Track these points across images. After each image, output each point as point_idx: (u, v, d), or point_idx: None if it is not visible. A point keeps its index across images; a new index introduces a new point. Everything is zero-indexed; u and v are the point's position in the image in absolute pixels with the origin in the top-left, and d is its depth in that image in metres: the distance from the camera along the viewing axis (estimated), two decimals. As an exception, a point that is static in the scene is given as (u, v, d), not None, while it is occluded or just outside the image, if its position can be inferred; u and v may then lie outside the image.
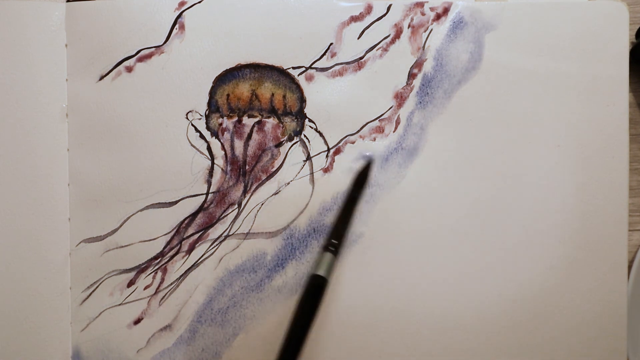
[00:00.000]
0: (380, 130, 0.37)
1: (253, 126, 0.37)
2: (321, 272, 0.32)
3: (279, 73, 0.37)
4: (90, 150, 0.37)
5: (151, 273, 0.37)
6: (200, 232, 0.37)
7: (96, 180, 0.37)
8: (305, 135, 0.37)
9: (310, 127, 0.37)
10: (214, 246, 0.37)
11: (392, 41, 0.37)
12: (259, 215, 0.37)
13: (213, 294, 0.37)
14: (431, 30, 0.37)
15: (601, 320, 0.37)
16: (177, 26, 0.37)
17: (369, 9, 0.37)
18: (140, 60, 0.37)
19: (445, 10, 0.37)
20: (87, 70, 0.37)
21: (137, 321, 0.37)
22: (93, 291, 0.37)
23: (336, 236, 0.35)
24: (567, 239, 0.37)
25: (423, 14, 0.37)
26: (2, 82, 0.37)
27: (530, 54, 0.37)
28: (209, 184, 0.37)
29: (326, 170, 0.37)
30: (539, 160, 0.37)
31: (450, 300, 0.37)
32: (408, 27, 0.37)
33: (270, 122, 0.37)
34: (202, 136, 0.37)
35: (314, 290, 0.32)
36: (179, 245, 0.37)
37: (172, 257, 0.37)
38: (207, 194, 0.37)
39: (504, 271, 0.37)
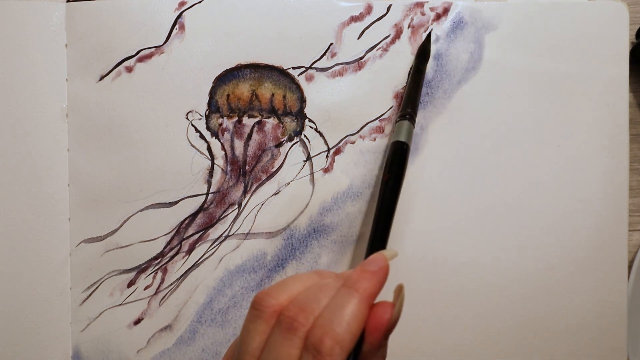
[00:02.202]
0: (380, 130, 0.37)
1: (253, 126, 0.37)
2: (402, 137, 0.33)
3: (279, 73, 0.37)
4: (90, 150, 0.37)
5: (151, 273, 0.37)
6: (201, 232, 0.37)
7: (96, 180, 0.37)
8: (305, 136, 0.37)
9: (310, 127, 0.37)
10: (214, 246, 0.37)
11: (392, 41, 0.37)
12: (259, 216, 0.37)
13: (213, 294, 0.37)
14: (431, 30, 0.37)
15: (601, 320, 0.37)
16: (177, 26, 0.37)
17: (369, 9, 0.37)
18: (140, 60, 0.37)
19: (445, 11, 0.37)
20: (87, 70, 0.37)
21: (137, 321, 0.37)
22: (93, 291, 0.37)
23: (411, 106, 0.35)
24: (567, 239, 0.37)
25: (423, 14, 0.37)
26: (2, 82, 0.37)
27: (530, 54, 0.37)
28: (209, 184, 0.37)
29: (326, 170, 0.37)
30: (538, 160, 0.37)
31: (449, 300, 0.37)
32: (408, 27, 0.37)
33: (270, 122, 0.37)
34: (202, 136, 0.37)
35: (399, 155, 0.32)
36: (179, 246, 0.37)
37: (172, 257, 0.37)
38: (207, 194, 0.37)
39: (503, 271, 0.37)
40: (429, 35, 0.37)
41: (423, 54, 0.37)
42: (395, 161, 0.32)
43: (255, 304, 0.25)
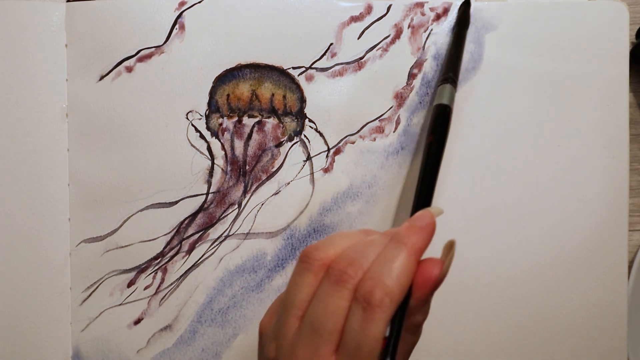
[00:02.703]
0: (380, 130, 0.37)
1: (253, 126, 0.37)
2: (444, 100, 0.33)
3: (279, 73, 0.37)
4: (90, 150, 0.37)
5: (151, 273, 0.37)
6: (201, 232, 0.37)
7: (96, 180, 0.37)
8: (305, 136, 0.37)
9: (310, 127, 0.37)
10: (214, 246, 0.37)
11: (392, 41, 0.37)
12: (259, 216, 0.37)
13: (213, 294, 0.37)
14: (431, 30, 0.37)
15: (601, 320, 0.37)
16: (177, 26, 0.37)
17: (369, 9, 0.37)
18: (140, 60, 0.37)
19: (445, 11, 0.37)
20: (87, 70, 0.37)
21: (137, 321, 0.37)
22: (93, 291, 0.37)
23: (453, 70, 0.35)
24: (567, 239, 0.37)
25: (423, 14, 0.37)
26: (2, 82, 0.37)
27: (530, 54, 0.37)
28: (209, 184, 0.37)
29: (326, 170, 0.37)
30: (538, 160, 0.37)
31: (449, 300, 0.37)
32: (408, 27, 0.37)
33: (271, 122, 0.37)
34: (202, 136, 0.37)
35: (442, 117, 0.32)
36: (179, 246, 0.37)
37: (172, 257, 0.37)
38: (207, 194, 0.37)
39: (503, 271, 0.37)
40: (466, 2, 0.37)
41: (463, 20, 0.36)
42: (439, 123, 0.32)
43: (303, 257, 0.25)
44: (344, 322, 0.23)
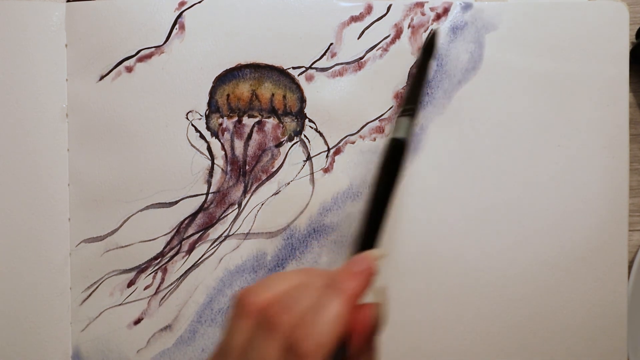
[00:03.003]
0: (380, 130, 0.37)
1: (253, 126, 0.37)
2: (400, 134, 0.32)
3: (279, 73, 0.37)
4: (90, 150, 0.37)
5: (151, 273, 0.37)
6: (201, 232, 0.37)
7: (96, 180, 0.37)
8: (305, 135, 0.37)
9: (310, 127, 0.37)
10: (214, 246, 0.37)
11: (392, 41, 0.37)
12: (259, 216, 0.37)
13: (213, 294, 0.37)
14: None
15: (601, 320, 0.37)
16: (177, 26, 0.37)
17: (369, 9, 0.37)
18: (140, 60, 0.37)
19: (445, 11, 0.37)
20: (87, 70, 0.37)
21: (137, 321, 0.37)
22: (93, 291, 0.37)
23: (413, 101, 0.34)
24: (567, 239, 0.37)
25: (423, 14, 0.37)
26: (2, 82, 0.37)
27: (530, 54, 0.37)
28: (209, 184, 0.37)
29: (326, 170, 0.37)
30: (538, 160, 0.37)
31: (450, 300, 0.37)
32: (408, 27, 0.37)
33: (271, 122, 0.37)
34: (202, 136, 0.37)
35: (396, 152, 0.32)
36: (179, 246, 0.37)
37: (172, 257, 0.37)
38: (207, 194, 0.37)
39: (503, 271, 0.37)
40: (436, 32, 0.37)
41: (429, 50, 0.36)
42: (391, 158, 0.32)
43: (238, 302, 0.25)
44: None
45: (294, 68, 0.37)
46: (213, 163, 0.37)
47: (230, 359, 0.24)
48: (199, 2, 0.37)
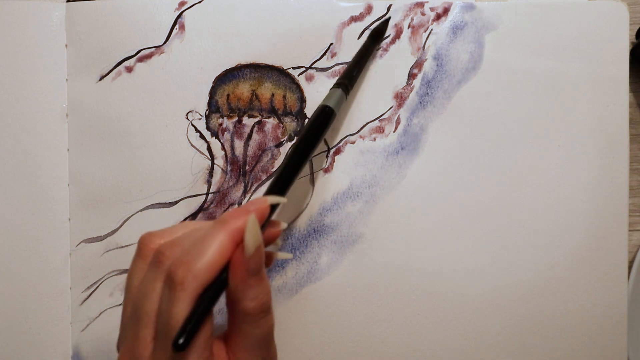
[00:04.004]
0: (380, 130, 0.37)
1: (253, 126, 0.37)
2: (330, 103, 0.32)
3: (279, 73, 0.37)
4: (90, 150, 0.37)
5: (151, 273, 0.37)
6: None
7: (96, 180, 0.37)
8: (305, 135, 0.37)
9: (310, 127, 0.37)
10: (214, 246, 0.37)
11: (392, 41, 0.37)
12: (259, 215, 0.37)
13: (213, 294, 0.37)
14: (431, 30, 0.37)
15: (601, 320, 0.37)
16: (177, 26, 0.37)
17: (369, 9, 0.37)
18: (140, 60, 0.37)
19: (445, 11, 0.37)
20: (87, 70, 0.37)
21: (137, 321, 0.37)
22: (93, 291, 0.37)
23: (349, 77, 0.35)
24: (567, 239, 0.37)
25: (423, 14, 0.37)
26: (2, 82, 0.37)
27: (530, 54, 0.37)
28: (209, 184, 0.37)
29: (326, 170, 0.37)
30: (539, 160, 0.37)
31: (450, 300, 0.37)
32: (408, 27, 0.37)
33: (271, 122, 0.37)
34: (202, 136, 0.37)
35: (322, 117, 0.32)
36: (179, 246, 0.37)
37: (172, 257, 0.37)
38: (207, 194, 0.37)
39: (504, 271, 0.37)
40: (388, 20, 0.37)
41: (378, 35, 0.37)
42: (317, 123, 0.32)
43: (138, 245, 0.25)
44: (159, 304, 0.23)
45: (294, 68, 0.37)
46: (213, 163, 0.37)
47: (128, 298, 0.24)
48: (199, 2, 0.37)
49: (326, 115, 0.32)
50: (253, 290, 0.23)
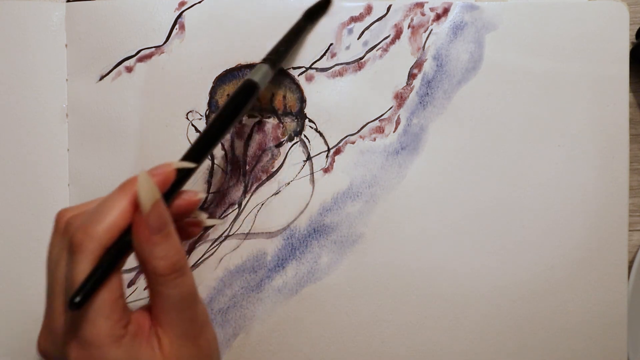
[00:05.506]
0: (380, 130, 0.37)
1: (253, 126, 0.37)
2: (255, 78, 0.32)
3: (279, 73, 0.37)
4: (90, 150, 0.37)
5: (151, 273, 0.37)
6: (200, 232, 0.37)
7: (96, 180, 0.37)
8: (305, 136, 0.37)
9: (310, 127, 0.37)
10: (214, 246, 0.37)
11: (392, 41, 0.37)
12: (259, 216, 0.37)
13: (213, 294, 0.37)
14: (431, 30, 0.37)
15: (601, 320, 0.37)
16: (177, 26, 0.37)
17: (369, 10, 0.37)
18: (140, 60, 0.37)
19: (445, 11, 0.37)
20: (87, 70, 0.37)
21: (137, 321, 0.37)
22: (93, 291, 0.37)
23: (277, 53, 0.34)
24: (567, 239, 0.37)
25: (423, 14, 0.37)
26: (2, 82, 0.37)
27: (530, 54, 0.37)
28: (209, 184, 0.37)
29: (326, 170, 0.37)
30: (539, 160, 0.37)
31: (450, 300, 0.37)
32: (408, 28, 0.37)
33: (271, 122, 0.37)
34: (202, 136, 0.37)
35: (246, 91, 0.31)
36: (179, 246, 0.37)
37: (172, 257, 0.37)
38: (207, 194, 0.37)
39: (504, 271, 0.37)
40: (331, 2, 0.37)
41: (315, 13, 0.37)
42: (240, 95, 0.31)
43: (55, 220, 0.25)
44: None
45: (294, 68, 0.37)
46: (213, 163, 0.37)
47: (46, 271, 0.25)
48: (199, 2, 0.37)
49: (249, 89, 0.31)
50: (159, 248, 0.23)
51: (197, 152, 0.27)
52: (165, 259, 0.23)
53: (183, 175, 0.26)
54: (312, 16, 0.37)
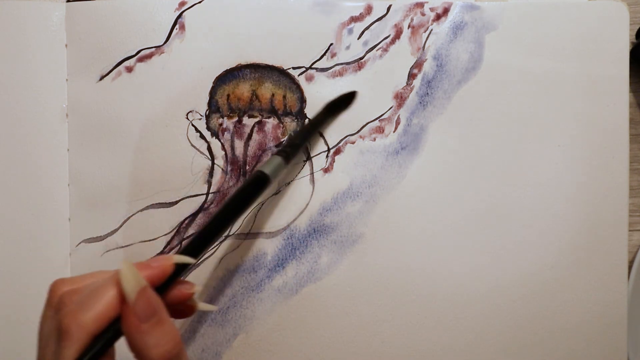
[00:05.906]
0: (380, 130, 0.37)
1: (253, 126, 0.37)
2: (267, 170, 0.31)
3: (279, 73, 0.37)
4: (90, 150, 0.37)
5: (151, 273, 0.37)
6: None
7: (96, 180, 0.37)
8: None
9: (310, 127, 0.37)
10: (214, 246, 0.37)
11: (392, 41, 0.37)
12: (259, 215, 0.37)
13: (213, 294, 0.37)
14: (431, 30, 0.37)
15: (601, 320, 0.37)
16: (177, 26, 0.37)
17: (369, 10, 0.37)
18: (140, 60, 0.37)
19: (445, 11, 0.37)
20: (87, 70, 0.37)
21: (137, 321, 0.37)
22: (93, 291, 0.37)
23: (293, 147, 0.34)
24: (567, 239, 0.37)
25: (423, 14, 0.37)
26: (2, 82, 0.37)
27: (530, 54, 0.37)
28: (209, 184, 0.37)
29: (326, 170, 0.37)
30: (539, 160, 0.37)
31: (450, 300, 0.37)
32: (408, 28, 0.37)
33: (271, 122, 0.37)
34: (202, 136, 0.37)
35: (256, 183, 0.31)
36: (179, 246, 0.37)
37: (172, 257, 0.37)
38: (207, 194, 0.37)
39: (504, 271, 0.37)
40: (355, 94, 0.37)
41: (335, 107, 0.36)
42: (250, 187, 0.31)
43: (48, 291, 0.25)
44: None
45: (294, 68, 0.37)
46: (213, 163, 0.37)
47: (37, 345, 0.25)
48: (199, 2, 0.37)
49: (260, 181, 0.31)
50: (150, 337, 0.23)
51: (198, 246, 0.27)
52: (159, 347, 0.23)
53: (181, 268, 0.26)
54: (333, 109, 0.36)
